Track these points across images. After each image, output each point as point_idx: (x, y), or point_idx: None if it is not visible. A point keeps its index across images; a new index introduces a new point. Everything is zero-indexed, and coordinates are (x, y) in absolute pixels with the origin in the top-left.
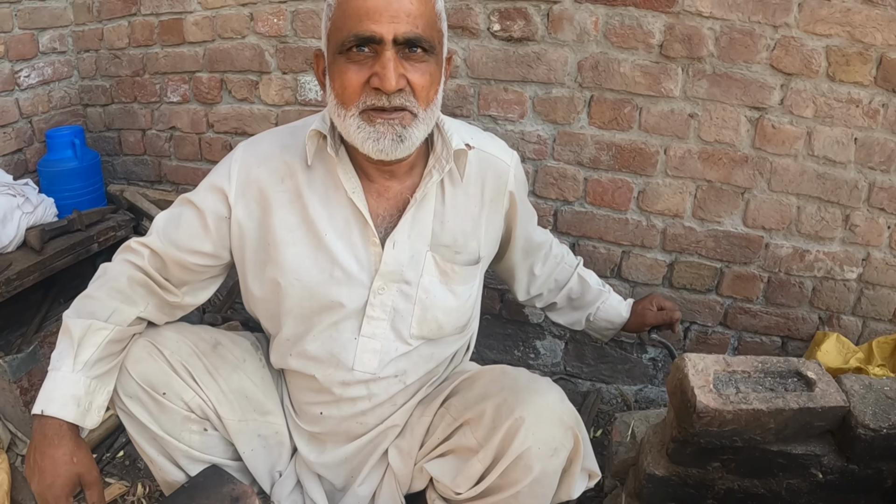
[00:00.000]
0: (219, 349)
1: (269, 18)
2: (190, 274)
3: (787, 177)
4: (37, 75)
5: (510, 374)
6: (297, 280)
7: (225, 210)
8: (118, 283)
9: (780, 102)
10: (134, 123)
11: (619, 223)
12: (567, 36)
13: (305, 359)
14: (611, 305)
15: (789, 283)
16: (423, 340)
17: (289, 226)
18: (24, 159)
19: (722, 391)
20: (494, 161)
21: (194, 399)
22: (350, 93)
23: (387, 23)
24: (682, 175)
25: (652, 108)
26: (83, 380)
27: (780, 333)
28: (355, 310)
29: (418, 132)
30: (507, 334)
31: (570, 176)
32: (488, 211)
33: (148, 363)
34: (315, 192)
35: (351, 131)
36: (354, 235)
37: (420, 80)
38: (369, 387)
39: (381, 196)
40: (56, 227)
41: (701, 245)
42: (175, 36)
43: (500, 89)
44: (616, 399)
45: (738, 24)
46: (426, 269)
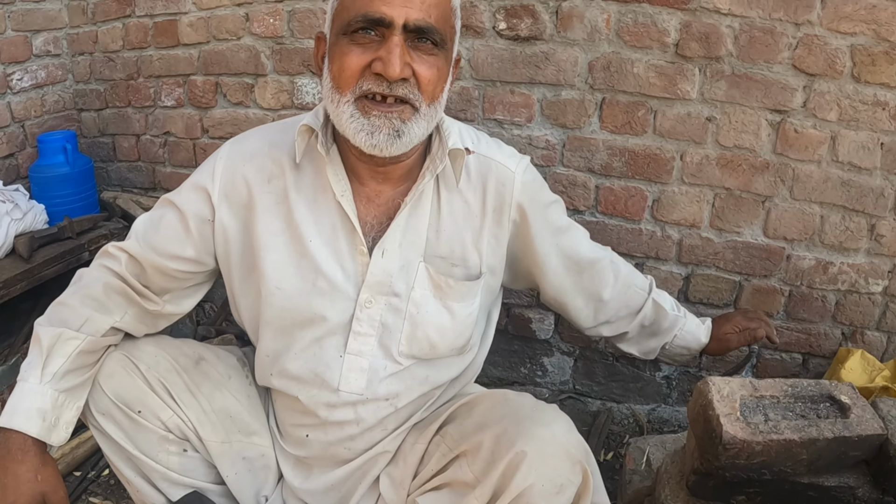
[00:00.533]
0: (202, 365)
1: (265, 18)
2: (171, 281)
3: (811, 184)
4: (30, 78)
5: (512, 402)
6: (278, 289)
7: (208, 212)
8: (93, 289)
9: (802, 105)
10: (128, 128)
11: (632, 233)
12: (577, 34)
13: (287, 378)
14: (689, 332)
15: (811, 297)
16: (414, 360)
17: (272, 230)
18: (15, 164)
19: (750, 419)
20: (496, 167)
21: (172, 419)
22: (348, 75)
23: (399, 6)
24: (699, 182)
25: (667, 111)
26: (50, 392)
27: (802, 350)
28: (340, 324)
29: (418, 129)
30: (512, 350)
31: (581, 183)
32: (491, 222)
33: (122, 378)
34: (302, 195)
35: (343, 120)
36: (341, 243)
37: (427, 72)
38: (357, 410)
39: (371, 201)
40: (46, 235)
41: (719, 257)
42: (169, 38)
43: (507, 91)
44: (628, 419)
45: (758, 21)
46: (418, 282)
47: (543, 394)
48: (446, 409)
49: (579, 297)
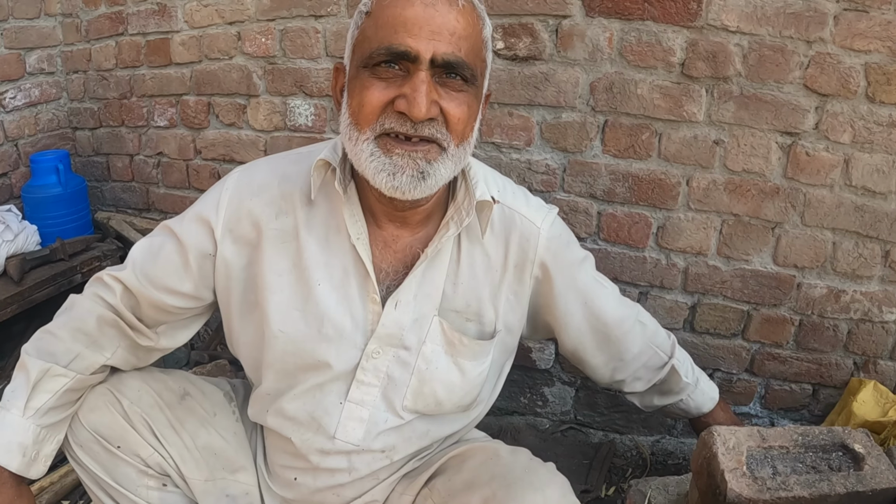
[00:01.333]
0: (186, 401)
1: (256, 38)
2: (166, 315)
3: (823, 209)
4: (23, 97)
5: (503, 460)
6: (282, 332)
7: (210, 246)
8: (86, 324)
9: (814, 127)
10: (122, 148)
11: (636, 262)
12: (578, 54)
13: (282, 418)
14: (693, 401)
15: (823, 326)
16: (417, 415)
17: (278, 270)
18: (8, 184)
19: (757, 473)
20: (520, 221)
21: (153, 456)
22: (368, 111)
23: (426, 39)
24: (706, 209)
25: (673, 133)
26: (32, 427)
27: (812, 381)
28: (344, 372)
29: (445, 170)
30: (512, 380)
31: (583, 210)
32: (511, 278)
33: (103, 413)
34: (313, 234)
35: (362, 159)
36: (352, 288)
37: (456, 110)
38: (351, 459)
39: (388, 247)
40: (37, 257)
41: (726, 286)
42: (162, 56)
43: (505, 114)
44: (631, 451)
45: (768, 39)
46: (430, 336)
47: (544, 424)
48: (437, 459)
49: (600, 356)
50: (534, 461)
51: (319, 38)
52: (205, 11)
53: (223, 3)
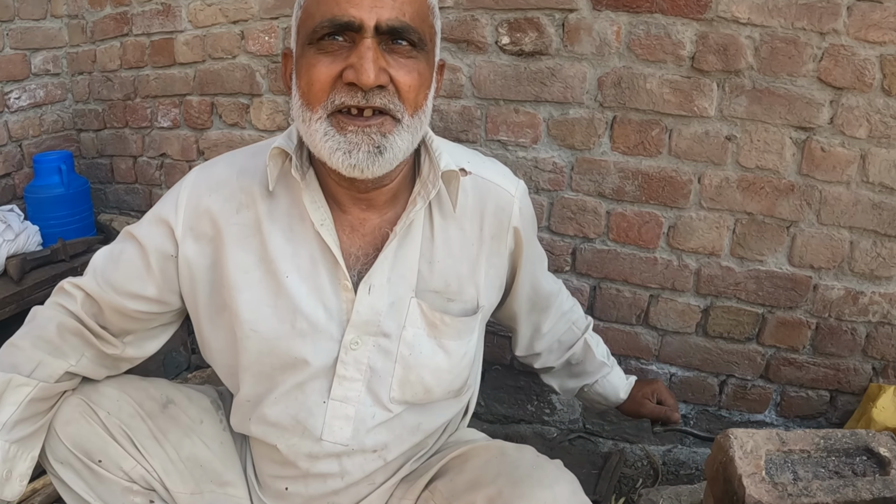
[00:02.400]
0: (169, 409)
1: (260, 36)
2: (132, 322)
3: (839, 207)
4: (28, 97)
5: (509, 458)
6: (254, 331)
7: (171, 247)
8: (45, 330)
9: (829, 121)
10: (125, 150)
11: (646, 263)
12: (585, 48)
13: (266, 425)
14: (609, 382)
15: (840, 330)
16: (406, 406)
17: (244, 266)
18: (12, 184)
19: (776, 478)
20: (495, 190)
21: (136, 469)
22: (317, 89)
23: (368, 6)
24: (718, 207)
25: (683, 129)
26: (0, 444)
27: (829, 387)
28: (323, 367)
29: (402, 142)
30: (519, 387)
31: (591, 209)
32: (489, 250)
33: (79, 425)
34: (277, 225)
35: (316, 140)
36: (322, 277)
37: (406, 77)
38: (342, 462)
39: (355, 231)
40: (38, 257)
41: (740, 287)
42: (166, 57)
43: (511, 110)
44: (641, 461)
45: (780, 31)
46: (410, 320)
47: (552, 433)
48: (437, 461)
49: (527, 325)
50: (540, 458)
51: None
52: (209, 11)
53: (227, 2)
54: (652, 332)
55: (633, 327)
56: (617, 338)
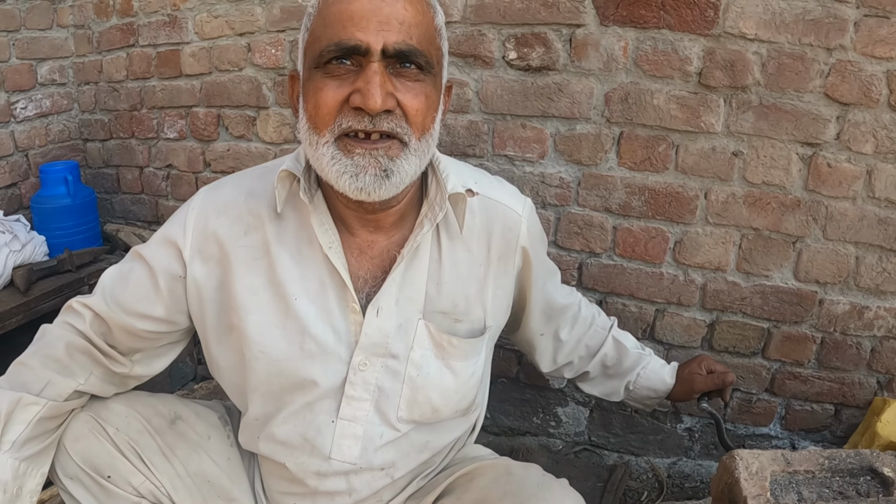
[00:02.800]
0: (177, 425)
1: (266, 49)
2: (140, 341)
3: (845, 222)
4: (34, 107)
5: (516, 477)
6: (263, 353)
7: (179, 268)
8: (54, 350)
9: (835, 137)
10: (132, 160)
11: (652, 278)
12: (592, 64)
13: (274, 443)
14: (653, 371)
15: (845, 344)
16: (414, 425)
17: (252, 288)
18: (18, 194)
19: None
20: (502, 210)
21: (144, 484)
22: (324, 113)
23: (375, 30)
24: (724, 223)
25: (690, 145)
26: (10, 462)
27: (834, 400)
28: (332, 388)
29: (409, 166)
30: (524, 399)
31: (597, 224)
32: (496, 271)
33: (89, 441)
34: (285, 247)
35: (324, 163)
36: (330, 300)
37: (413, 101)
38: (350, 479)
39: (363, 253)
40: (44, 267)
41: (746, 302)
42: (172, 68)
43: (518, 126)
44: (647, 474)
45: (787, 47)
46: (417, 341)
47: (557, 445)
48: (444, 479)
49: (543, 339)
50: (546, 477)
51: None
52: (215, 23)
53: (233, 14)
54: (658, 346)
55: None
56: None
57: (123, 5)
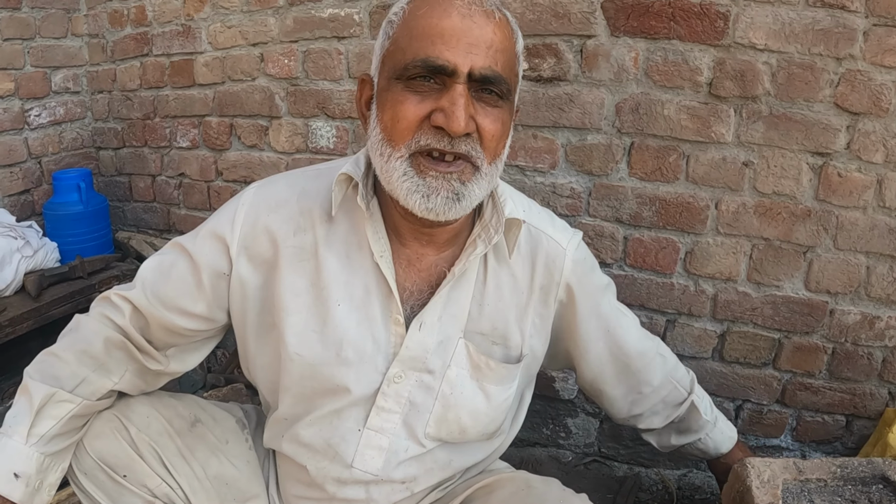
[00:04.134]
0: (197, 428)
1: (279, 59)
2: (177, 337)
3: (856, 232)
4: (48, 115)
5: (536, 491)
6: (298, 355)
7: (225, 265)
8: (92, 346)
9: (846, 146)
10: (144, 169)
11: (663, 288)
12: (603, 74)
13: (298, 444)
14: (713, 440)
15: (856, 355)
16: (440, 443)
17: (296, 289)
18: (30, 201)
19: None
20: (546, 241)
21: (160, 486)
22: (403, 127)
23: (464, 52)
24: (735, 233)
25: (701, 155)
26: (36, 456)
27: (845, 411)
28: (363, 397)
29: (478, 190)
30: (534, 410)
31: (608, 234)
32: (537, 300)
33: (108, 440)
34: (333, 251)
35: (394, 178)
36: (374, 309)
37: (491, 127)
38: (369, 490)
39: (412, 265)
40: (56, 274)
41: (757, 313)
42: (185, 77)
43: (529, 136)
44: (657, 486)
45: (796, 56)
46: (455, 360)
47: (567, 456)
48: (462, 491)
49: (619, 387)
50: (566, 492)
51: (342, 59)
52: (228, 33)
53: (247, 24)
54: None
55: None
56: None
57: (138, 15)
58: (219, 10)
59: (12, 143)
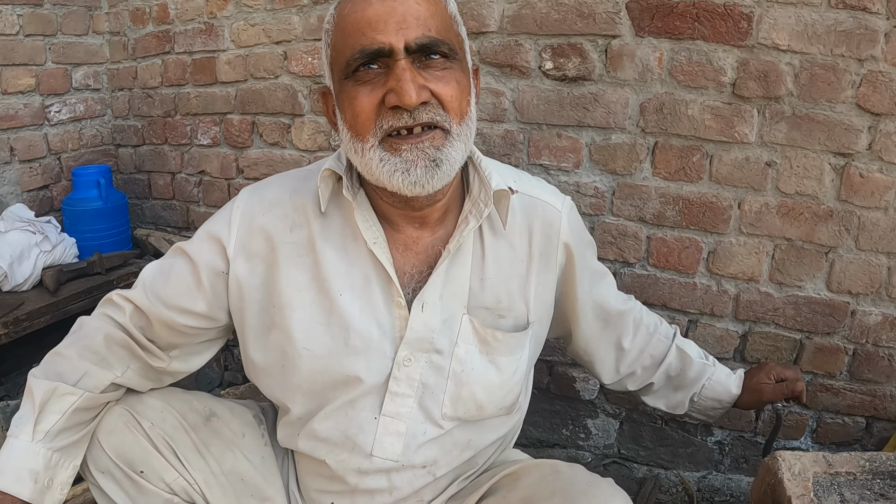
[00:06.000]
0: (212, 422)
1: (303, 57)
2: (180, 336)
3: (877, 233)
4: (68, 111)
5: (564, 475)
6: (307, 350)
7: (222, 264)
8: (93, 341)
9: (867, 147)
10: (164, 166)
11: (685, 288)
12: (628, 74)
13: (315, 440)
14: (718, 382)
15: (877, 356)
16: (458, 422)
17: (298, 285)
18: (49, 196)
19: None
20: (542, 206)
21: (177, 480)
22: (364, 119)
23: (394, 30)
24: (758, 233)
25: (724, 155)
26: (43, 452)
27: (865, 413)
28: (376, 385)
29: (455, 152)
30: (554, 411)
31: (632, 234)
32: (538, 267)
33: (123, 435)
34: (330, 244)
35: (374, 168)
36: (375, 295)
37: (446, 88)
38: (391, 477)
39: (408, 249)
40: (74, 269)
41: (779, 313)
42: (207, 75)
43: (553, 135)
44: (676, 487)
45: (819, 58)
46: (462, 337)
47: (586, 458)
48: (487, 479)
49: (603, 347)
50: (594, 475)
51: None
52: (252, 31)
53: (270, 22)
54: None
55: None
56: None
57: (160, 13)
58: (242, 9)
59: (32, 139)
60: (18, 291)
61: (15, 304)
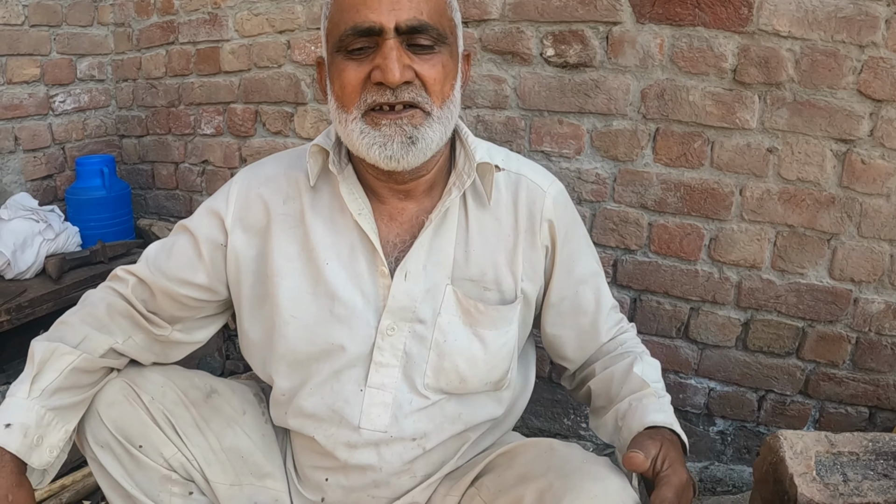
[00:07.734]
0: (213, 399)
1: (306, 46)
2: (182, 309)
3: (879, 220)
4: (72, 101)
5: (559, 453)
6: (293, 317)
7: (221, 236)
8: (95, 309)
9: (869, 133)
10: (167, 156)
11: (687, 275)
12: (629, 61)
13: (303, 417)
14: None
15: (880, 345)
16: (443, 395)
17: (288, 255)
18: (53, 186)
19: (827, 479)
20: (526, 183)
21: (176, 456)
22: (349, 91)
23: (387, 10)
24: (759, 219)
25: (725, 141)
26: (37, 409)
27: (868, 403)
28: (360, 355)
29: (433, 133)
30: (556, 400)
31: (633, 220)
32: (525, 242)
33: (123, 408)
34: (319, 216)
35: (354, 138)
36: (360, 264)
37: (430, 71)
38: (380, 451)
39: (393, 219)
40: (77, 257)
41: (781, 301)
42: (211, 65)
43: (555, 121)
44: None
45: (820, 44)
46: (445, 307)
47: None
48: (483, 458)
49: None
50: (590, 454)
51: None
52: (255, 20)
53: (274, 11)
54: (692, 345)
55: (672, 340)
56: (657, 351)
57: (164, 4)
58: None
59: (37, 129)
60: (21, 279)
61: (17, 291)
